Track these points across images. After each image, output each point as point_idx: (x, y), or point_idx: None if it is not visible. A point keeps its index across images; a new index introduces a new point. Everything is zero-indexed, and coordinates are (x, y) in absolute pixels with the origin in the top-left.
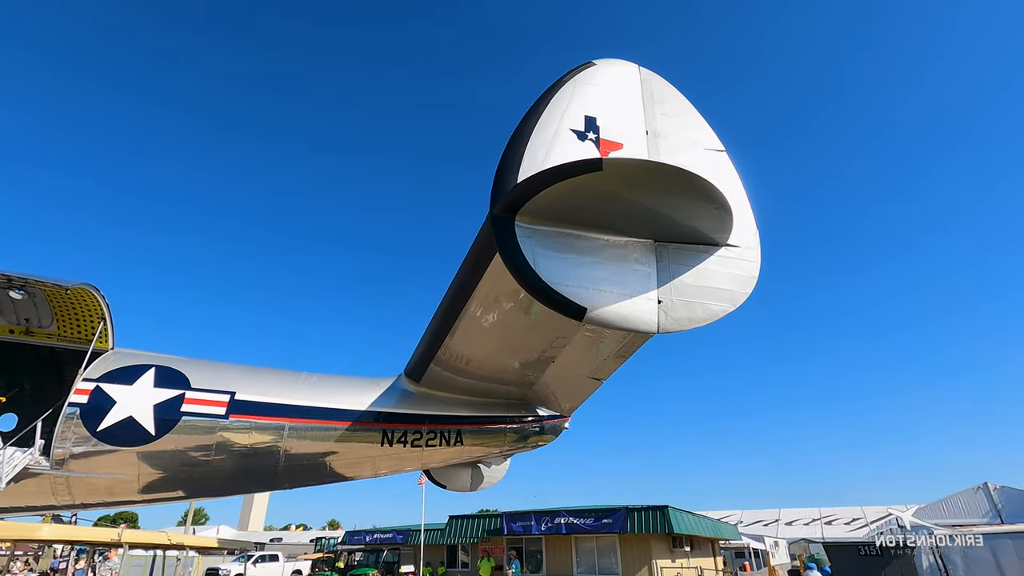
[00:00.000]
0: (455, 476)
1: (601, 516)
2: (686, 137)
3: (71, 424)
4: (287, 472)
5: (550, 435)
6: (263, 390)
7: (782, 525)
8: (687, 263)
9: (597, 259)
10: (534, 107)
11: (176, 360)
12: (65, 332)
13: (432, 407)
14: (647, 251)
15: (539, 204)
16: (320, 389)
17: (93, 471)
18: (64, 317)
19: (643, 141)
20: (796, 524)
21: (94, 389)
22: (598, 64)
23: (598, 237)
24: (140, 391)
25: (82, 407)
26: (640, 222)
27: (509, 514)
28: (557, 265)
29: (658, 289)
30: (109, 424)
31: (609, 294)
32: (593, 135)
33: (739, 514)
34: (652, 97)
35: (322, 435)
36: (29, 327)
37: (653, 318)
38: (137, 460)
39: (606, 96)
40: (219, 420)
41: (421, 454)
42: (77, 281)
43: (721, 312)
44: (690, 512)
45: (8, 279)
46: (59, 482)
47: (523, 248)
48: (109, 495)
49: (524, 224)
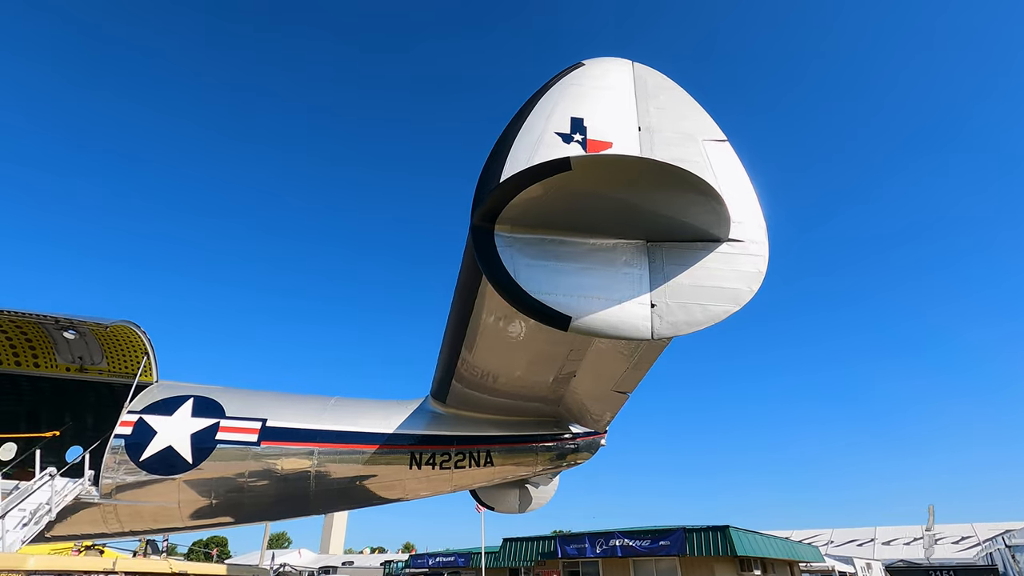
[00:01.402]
0: (503, 498)
1: (657, 537)
2: (683, 130)
3: (117, 455)
4: (318, 496)
5: (585, 452)
6: (293, 416)
7: (879, 545)
8: (684, 263)
9: (583, 264)
10: (519, 113)
11: (214, 390)
12: (114, 368)
13: (460, 428)
14: (638, 253)
15: (517, 211)
16: (348, 413)
17: (138, 499)
18: (113, 354)
19: (635, 138)
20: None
21: (137, 421)
22: (587, 64)
23: (584, 241)
24: (179, 421)
25: (126, 438)
26: (629, 222)
27: (562, 536)
28: (540, 274)
29: (651, 292)
30: (151, 454)
31: (596, 300)
32: (580, 136)
33: (828, 533)
34: (646, 92)
35: (351, 459)
36: (83, 364)
37: (646, 324)
38: (178, 488)
39: (595, 96)
40: (251, 447)
41: (451, 476)
42: (116, 319)
43: (723, 313)
44: (757, 532)
45: (56, 320)
46: (108, 511)
47: (503, 258)
48: (154, 522)
49: (504, 233)
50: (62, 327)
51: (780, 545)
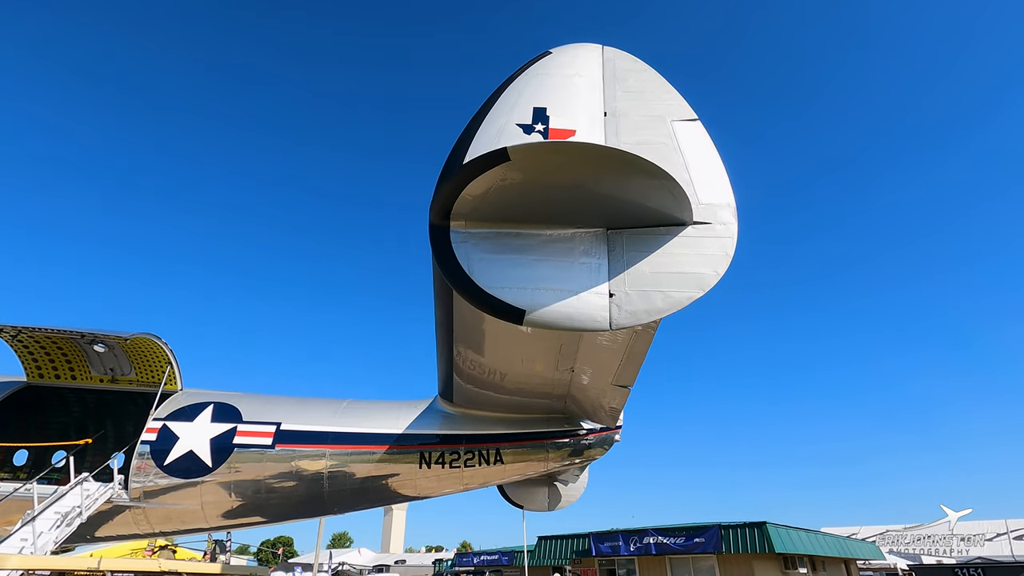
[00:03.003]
0: (531, 496)
1: (692, 535)
2: (651, 112)
3: (144, 460)
4: (332, 497)
5: (598, 448)
6: (307, 419)
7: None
8: (645, 249)
9: (539, 256)
10: (483, 106)
11: (233, 396)
12: (142, 378)
13: (468, 427)
14: (597, 241)
15: (469, 205)
16: (359, 415)
17: (164, 502)
18: (140, 365)
19: (600, 123)
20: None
21: (161, 427)
22: (555, 52)
23: (541, 232)
24: (199, 427)
25: (152, 444)
26: (588, 210)
27: (596, 534)
28: (494, 268)
29: (610, 282)
30: (174, 458)
31: (552, 292)
32: (541, 126)
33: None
34: (615, 76)
35: (362, 460)
36: (114, 376)
37: (604, 314)
38: (200, 490)
39: (560, 84)
40: (266, 450)
41: (461, 475)
42: (136, 332)
43: (685, 300)
44: (800, 528)
45: (81, 335)
46: (138, 513)
47: (458, 254)
48: (181, 523)
49: (459, 229)
50: (89, 341)
51: (830, 542)
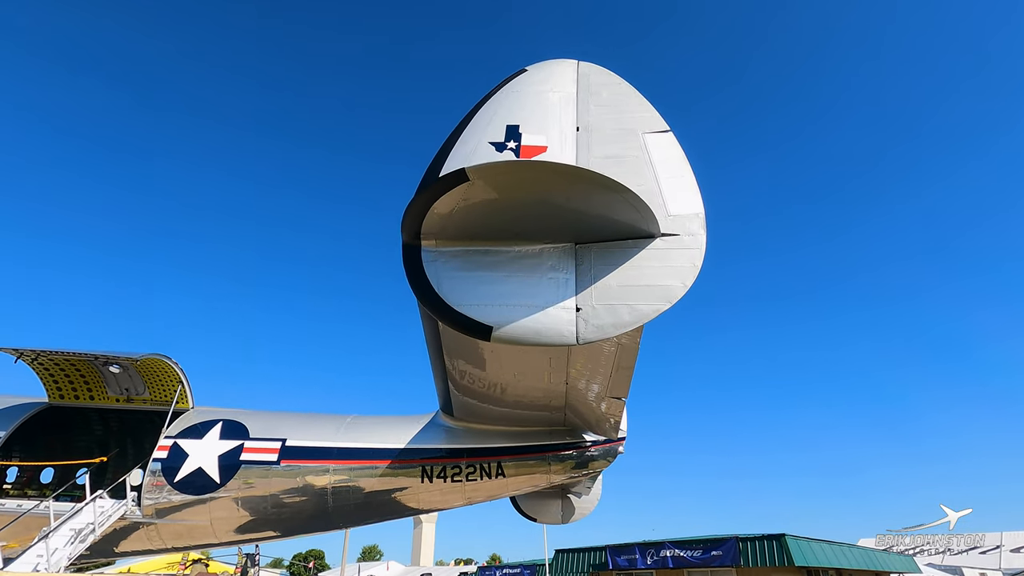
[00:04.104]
0: (544, 508)
1: (709, 547)
2: (623, 125)
3: (155, 477)
4: (337, 512)
5: (602, 461)
6: (311, 435)
7: (1006, 553)
8: (613, 262)
9: (507, 273)
10: (458, 126)
11: (241, 413)
12: (155, 397)
13: (468, 440)
14: (565, 256)
15: (436, 225)
16: (362, 430)
17: (175, 519)
18: (154, 384)
19: (572, 139)
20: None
21: (172, 445)
22: (530, 69)
23: (509, 249)
24: (208, 444)
25: (163, 462)
26: (555, 226)
27: (612, 547)
28: (463, 285)
29: (577, 296)
30: (184, 475)
31: (519, 308)
32: (514, 143)
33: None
34: (588, 91)
35: (365, 475)
36: (129, 395)
37: (571, 328)
38: (208, 506)
39: (534, 101)
40: (272, 466)
41: (463, 488)
42: (146, 353)
43: (652, 312)
44: (821, 540)
45: (95, 357)
46: (151, 529)
47: (428, 272)
48: (192, 539)
49: (430, 248)
50: (103, 363)
51: (858, 554)
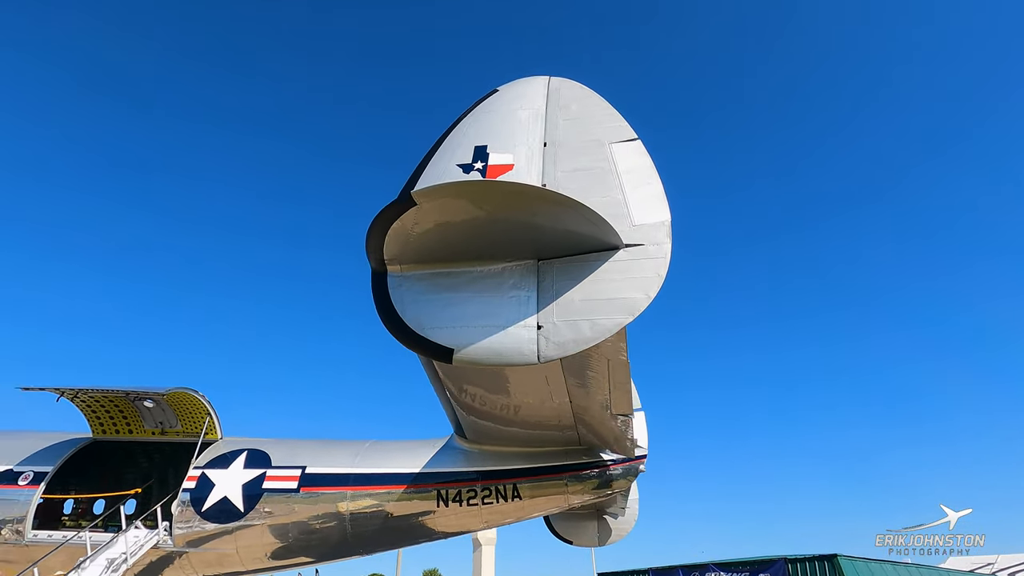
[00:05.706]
0: (580, 531)
1: (756, 570)
2: (590, 137)
3: (184, 508)
4: (356, 538)
5: (622, 480)
6: (329, 462)
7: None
8: (575, 277)
9: (469, 293)
10: (430, 149)
11: (265, 442)
12: (187, 429)
13: (482, 463)
14: (528, 273)
15: (396, 250)
16: (378, 456)
17: (205, 548)
18: (185, 417)
19: (538, 155)
20: None
21: (200, 476)
22: (501, 90)
23: (471, 269)
24: (233, 473)
25: (191, 492)
26: (516, 243)
27: (656, 570)
28: (425, 309)
29: (538, 313)
30: (210, 505)
31: (480, 329)
32: (481, 164)
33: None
34: (558, 105)
35: (381, 500)
36: (163, 428)
37: (532, 347)
38: (234, 536)
39: (502, 120)
40: (292, 494)
41: (480, 512)
42: (172, 387)
43: (614, 326)
44: (885, 561)
45: (127, 393)
46: (183, 558)
47: (393, 297)
48: (221, 567)
49: (395, 273)
50: (134, 399)
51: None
